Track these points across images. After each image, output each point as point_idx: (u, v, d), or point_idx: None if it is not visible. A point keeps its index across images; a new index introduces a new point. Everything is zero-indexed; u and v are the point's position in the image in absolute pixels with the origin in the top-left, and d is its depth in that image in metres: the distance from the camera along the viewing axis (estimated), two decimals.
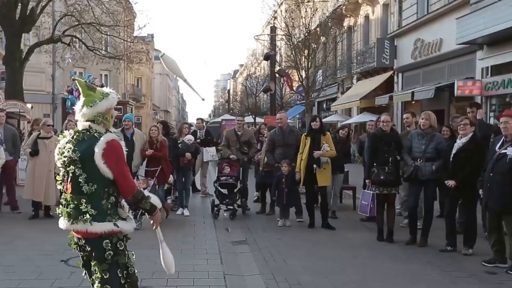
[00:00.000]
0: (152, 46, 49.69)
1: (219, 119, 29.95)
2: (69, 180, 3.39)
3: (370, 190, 7.60)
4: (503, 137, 6.22)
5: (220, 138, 15.75)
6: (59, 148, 3.49)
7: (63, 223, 3.49)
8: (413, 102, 19.87)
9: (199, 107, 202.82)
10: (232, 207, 9.50)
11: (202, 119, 12.84)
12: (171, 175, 9.63)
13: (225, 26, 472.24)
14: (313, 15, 23.23)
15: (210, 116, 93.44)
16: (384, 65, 22.90)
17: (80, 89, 3.51)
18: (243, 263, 6.54)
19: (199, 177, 12.61)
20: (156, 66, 59.62)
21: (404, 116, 8.95)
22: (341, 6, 26.49)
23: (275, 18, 24.87)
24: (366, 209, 7.55)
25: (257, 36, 30.58)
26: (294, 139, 9.22)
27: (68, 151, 3.35)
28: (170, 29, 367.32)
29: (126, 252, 3.57)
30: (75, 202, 3.35)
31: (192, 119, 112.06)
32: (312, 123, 8.76)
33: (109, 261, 3.41)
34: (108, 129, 3.49)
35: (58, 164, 3.50)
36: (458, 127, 7.12)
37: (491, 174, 6.15)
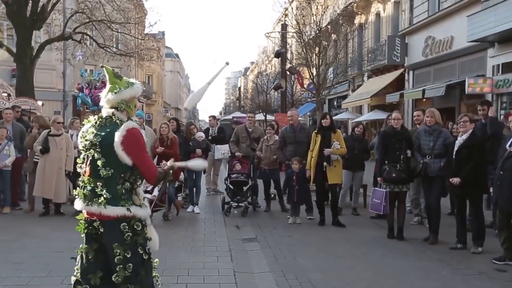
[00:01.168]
0: (163, 44, 49.82)
1: (229, 117, 29.99)
2: (87, 163, 3.51)
3: (381, 188, 7.57)
4: None
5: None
6: (82, 131, 3.62)
7: (78, 203, 3.60)
8: (424, 99, 19.78)
9: (210, 105, 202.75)
10: (242, 205, 9.51)
11: (214, 116, 12.86)
12: (181, 173, 9.67)
13: (236, 23, 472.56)
14: (324, 12, 23.17)
15: (221, 113, 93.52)
16: (395, 63, 22.82)
17: (107, 76, 3.60)
18: (253, 261, 6.54)
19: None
20: (167, 63, 59.73)
21: (415, 113, 8.91)
22: (352, 4, 26.39)
23: (286, 15, 24.84)
24: (379, 207, 7.51)
25: (268, 33, 30.53)
26: (305, 136, 9.23)
27: (90, 135, 3.47)
28: (181, 26, 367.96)
29: (145, 232, 3.66)
30: (92, 185, 3.47)
31: (202, 116, 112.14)
32: (322, 121, 8.75)
33: (128, 241, 3.51)
34: (130, 117, 3.57)
35: (80, 146, 3.61)
36: (458, 125, 7.11)
37: (501, 172, 6.13)
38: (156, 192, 8.63)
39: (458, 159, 6.80)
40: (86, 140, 3.52)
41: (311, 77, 23.11)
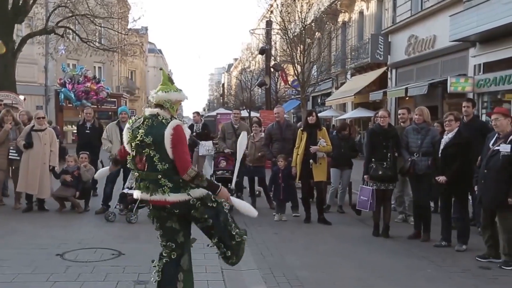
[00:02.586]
0: (146, 39, 49.45)
1: (214, 113, 29.90)
2: (144, 159, 3.90)
3: (368, 186, 7.63)
4: (497, 133, 6.28)
5: (215, 132, 15.73)
6: (129, 131, 3.98)
7: (140, 195, 4.00)
8: (407, 98, 19.96)
9: (193, 101, 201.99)
10: None
11: (198, 113, 12.80)
12: None
13: (219, 20, 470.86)
14: (309, 10, 23.22)
15: (204, 109, 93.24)
16: (378, 61, 22.98)
17: (162, 77, 4.08)
18: None
19: None
20: (150, 59, 59.31)
21: (400, 111, 8.98)
22: (336, 2, 26.48)
23: (272, 12, 24.83)
24: (366, 205, 7.58)
25: (252, 30, 30.49)
26: (291, 133, 9.26)
27: (142, 136, 3.85)
28: (164, 22, 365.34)
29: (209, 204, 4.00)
30: (151, 177, 3.88)
31: (186, 112, 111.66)
32: (308, 118, 8.76)
33: (209, 209, 3.96)
34: (173, 116, 3.99)
35: (128, 144, 3.98)
36: (444, 124, 7.20)
37: (485, 171, 6.22)
38: None
39: (444, 157, 6.88)
40: (138, 141, 3.89)
41: (296, 74, 23.17)
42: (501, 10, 13.29)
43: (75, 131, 30.31)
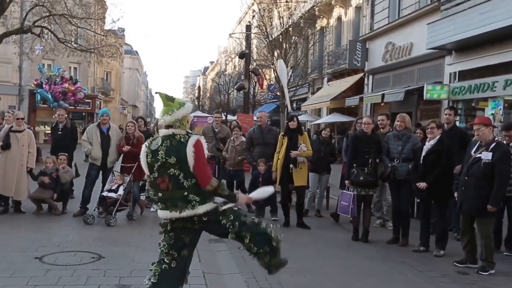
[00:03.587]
0: (122, 40, 49.03)
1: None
2: (167, 179, 3.95)
3: (349, 191, 7.71)
4: (478, 141, 6.43)
5: None
6: (149, 153, 4.01)
7: (168, 214, 4.04)
8: (382, 104, 20.22)
9: None
10: None
11: None
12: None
13: (195, 23, 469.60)
14: (291, 16, 23.34)
15: None
16: (355, 67, 23.21)
17: (161, 100, 4.12)
18: (221, 262, 6.54)
19: None
20: (125, 60, 58.80)
21: (379, 118, 9.09)
22: (315, 7, 26.67)
23: (253, 17, 24.88)
24: (347, 210, 7.66)
25: (232, 33, 30.50)
26: (272, 138, 9.29)
27: (163, 157, 3.92)
28: (140, 23, 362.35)
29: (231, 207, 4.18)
30: (178, 196, 3.95)
31: (159, 114, 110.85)
32: (289, 123, 8.81)
33: (229, 215, 4.09)
34: (188, 131, 4.10)
35: (151, 167, 3.99)
36: (426, 131, 7.33)
37: (466, 178, 6.35)
38: (121, 191, 8.53)
39: (425, 164, 7.00)
40: (160, 162, 3.93)
41: (276, 78, 23.24)
42: (477, 20, 13.58)
43: (48, 132, 29.96)
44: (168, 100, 4.09)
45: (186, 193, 3.93)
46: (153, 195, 4.10)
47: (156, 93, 4.44)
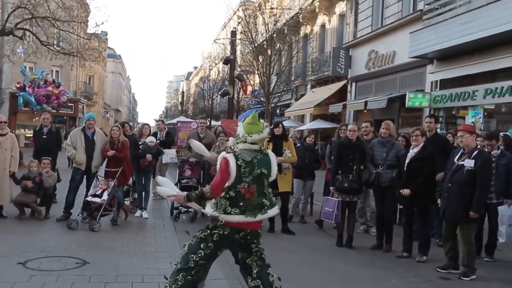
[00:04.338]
0: (105, 44, 48.71)
1: (174, 121, 29.64)
2: (254, 189, 4.19)
3: (333, 197, 7.78)
4: (462, 149, 6.56)
5: (175, 140, 15.68)
6: (243, 165, 4.13)
7: (247, 219, 4.19)
8: (365, 111, 20.41)
9: (150, 108, 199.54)
10: (192, 210, 9.46)
11: (163, 121, 12.73)
12: (130, 177, 9.57)
13: (179, 28, 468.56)
14: (276, 22, 23.48)
15: (161, 117, 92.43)
16: (339, 74, 23.40)
17: (252, 118, 4.32)
18: None
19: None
20: (108, 64, 58.43)
21: (363, 125, 9.18)
22: (299, 14, 26.87)
23: (239, 23, 24.97)
24: (331, 216, 7.72)
25: (217, 39, 30.53)
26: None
27: (260, 170, 4.18)
28: (123, 27, 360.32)
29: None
30: (257, 203, 4.21)
31: (142, 119, 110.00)
32: (274, 129, 8.85)
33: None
34: (261, 146, 4.37)
35: (242, 178, 4.14)
36: (411, 138, 7.44)
37: (449, 184, 6.46)
38: (105, 196, 8.48)
39: (409, 171, 7.11)
40: (256, 174, 4.17)
41: (261, 84, 23.34)
42: (458, 29, 13.82)
43: (29, 135, 29.57)
44: (258, 120, 4.35)
45: (264, 199, 4.25)
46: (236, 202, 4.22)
47: (255, 111, 4.77)
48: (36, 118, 19.99)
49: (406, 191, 7.07)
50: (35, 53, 20.44)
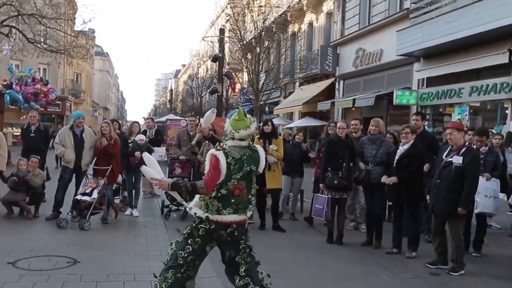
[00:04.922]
0: (93, 42, 48.39)
1: (163, 119, 29.55)
2: (243, 186, 4.15)
3: (323, 194, 7.83)
4: (450, 146, 6.64)
5: (164, 138, 15.63)
6: (233, 163, 4.05)
7: (237, 218, 4.15)
8: (353, 108, 20.54)
9: (139, 106, 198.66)
10: (182, 208, 9.46)
11: (152, 119, 12.70)
12: (120, 175, 9.53)
13: (167, 26, 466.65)
14: (265, 20, 23.48)
15: (149, 114, 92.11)
16: (326, 72, 23.52)
17: (237, 115, 4.27)
18: None
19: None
20: (96, 62, 58.04)
21: (353, 122, 9.24)
22: (287, 12, 26.94)
23: (227, 20, 24.95)
24: (321, 213, 7.76)
25: (205, 37, 30.46)
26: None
27: (249, 166, 4.14)
28: (111, 25, 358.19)
29: None
30: (246, 199, 4.20)
31: (131, 117, 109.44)
32: (264, 127, 8.89)
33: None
34: (250, 143, 4.33)
35: (232, 175, 4.06)
36: (401, 135, 7.50)
37: (438, 181, 6.54)
38: (95, 194, 8.44)
39: (398, 167, 7.18)
40: (244, 171, 4.11)
41: (250, 81, 23.34)
42: (443, 28, 13.99)
43: (17, 134, 29.25)
44: (245, 116, 4.33)
45: (250, 196, 4.30)
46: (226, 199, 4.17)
47: (236, 107, 4.70)
48: (24, 116, 19.82)
49: (391, 179, 7.14)
50: (21, 51, 20.24)
